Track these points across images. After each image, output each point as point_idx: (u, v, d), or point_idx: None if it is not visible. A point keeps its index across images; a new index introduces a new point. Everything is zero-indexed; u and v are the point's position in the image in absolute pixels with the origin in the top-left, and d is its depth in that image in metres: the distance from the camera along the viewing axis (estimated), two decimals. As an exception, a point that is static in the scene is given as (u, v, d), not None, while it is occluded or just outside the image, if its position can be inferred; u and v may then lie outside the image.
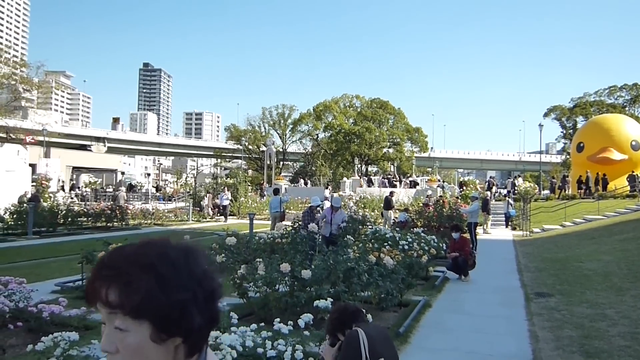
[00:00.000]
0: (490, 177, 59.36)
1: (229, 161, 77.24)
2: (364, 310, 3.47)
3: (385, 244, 10.95)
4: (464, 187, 38.19)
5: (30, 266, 11.37)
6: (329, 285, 7.05)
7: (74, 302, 7.26)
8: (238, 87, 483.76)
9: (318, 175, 60.21)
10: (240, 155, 67.15)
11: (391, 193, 24.24)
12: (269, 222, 19.73)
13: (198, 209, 29.49)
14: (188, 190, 42.73)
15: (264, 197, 33.72)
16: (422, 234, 13.08)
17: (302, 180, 53.91)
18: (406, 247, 11.03)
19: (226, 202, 28.03)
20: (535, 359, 5.69)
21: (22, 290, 6.25)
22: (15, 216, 19.15)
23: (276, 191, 19.96)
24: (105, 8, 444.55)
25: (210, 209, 29.78)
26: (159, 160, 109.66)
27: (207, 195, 30.80)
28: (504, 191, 38.01)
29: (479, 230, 19.21)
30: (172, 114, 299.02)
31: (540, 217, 24.87)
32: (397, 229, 14.81)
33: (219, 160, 78.94)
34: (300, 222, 12.51)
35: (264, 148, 61.92)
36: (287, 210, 22.84)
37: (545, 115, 65.82)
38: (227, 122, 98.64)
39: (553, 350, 5.95)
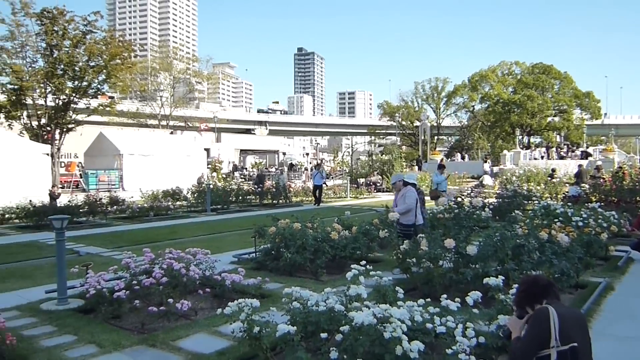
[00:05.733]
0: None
1: (383, 138, 77.54)
2: (556, 285, 3.22)
3: (556, 220, 10.11)
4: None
5: (210, 239, 12.62)
6: (496, 262, 6.74)
7: (250, 272, 7.89)
8: (389, 64, 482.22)
9: (475, 149, 57.75)
10: (394, 131, 67.00)
11: (579, 165, 22.35)
12: (427, 198, 19.34)
13: (355, 185, 30.17)
14: (345, 168, 43.84)
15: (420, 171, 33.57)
16: (599, 210, 11.84)
17: (458, 155, 52.19)
18: (580, 223, 10.06)
19: (320, 182, 23.09)
20: None
21: (207, 260, 6.95)
22: (195, 195, 21.43)
23: (439, 166, 18.07)
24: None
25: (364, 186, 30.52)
26: (315, 140, 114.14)
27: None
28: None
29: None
30: (326, 94, 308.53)
31: None
32: (569, 204, 13.60)
33: (372, 137, 79.68)
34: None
35: (417, 123, 61.05)
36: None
37: None
38: (380, 99, 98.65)
39: None
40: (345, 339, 3.85)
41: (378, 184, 32.01)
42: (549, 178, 25.82)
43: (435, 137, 67.90)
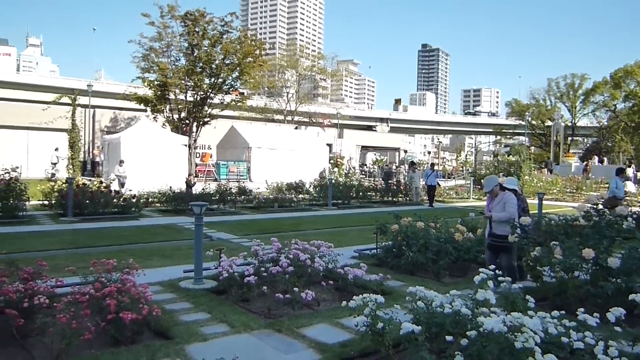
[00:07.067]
0: None
1: (510, 138, 73.63)
2: None
3: None
4: None
5: (332, 233, 12.88)
6: (641, 277, 6.11)
7: (370, 268, 7.94)
8: (519, 60, 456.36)
9: (616, 152, 52.72)
10: (522, 131, 63.38)
11: None
12: (558, 203, 18.10)
13: (479, 187, 29.02)
14: (468, 168, 42.37)
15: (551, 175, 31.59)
16: None
17: (596, 158, 48.03)
18: None
19: (434, 182, 22.80)
20: None
21: (330, 253, 7.10)
22: (317, 189, 22.01)
23: (619, 171, 15.40)
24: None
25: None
26: (437, 139, 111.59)
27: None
28: None
29: None
30: (450, 92, 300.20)
31: None
32: None
33: (498, 137, 75.92)
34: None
35: (549, 123, 57.20)
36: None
37: None
38: (507, 97, 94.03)
39: None
40: (472, 344, 3.73)
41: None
42: None
43: (569, 138, 63.07)
